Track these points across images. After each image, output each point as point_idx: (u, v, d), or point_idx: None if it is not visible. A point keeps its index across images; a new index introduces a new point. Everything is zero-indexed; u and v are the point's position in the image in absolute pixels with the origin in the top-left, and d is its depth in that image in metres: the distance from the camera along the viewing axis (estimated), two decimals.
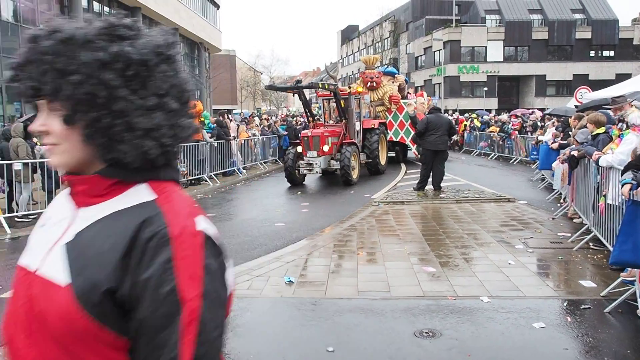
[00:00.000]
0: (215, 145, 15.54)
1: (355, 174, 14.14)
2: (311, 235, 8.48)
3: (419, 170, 12.67)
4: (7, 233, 9.09)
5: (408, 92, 20.10)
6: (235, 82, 63.06)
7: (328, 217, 10.08)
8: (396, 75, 19.59)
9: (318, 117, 17.54)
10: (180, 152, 13.61)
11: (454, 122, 15.31)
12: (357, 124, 15.54)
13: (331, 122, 16.21)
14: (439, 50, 53.76)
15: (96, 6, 25.32)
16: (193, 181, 14.74)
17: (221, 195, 13.86)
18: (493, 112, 41.38)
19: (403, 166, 18.69)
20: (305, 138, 14.20)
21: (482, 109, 42.90)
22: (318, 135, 14.08)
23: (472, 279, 5.93)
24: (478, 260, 6.66)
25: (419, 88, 55.18)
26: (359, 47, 75.43)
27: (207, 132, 15.47)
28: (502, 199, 11.09)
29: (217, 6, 47.29)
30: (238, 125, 18.74)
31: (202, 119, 15.25)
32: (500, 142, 22.43)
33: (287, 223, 9.63)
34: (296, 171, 14.22)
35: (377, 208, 10.55)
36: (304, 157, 14.19)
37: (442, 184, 12.27)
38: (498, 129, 23.41)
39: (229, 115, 19.32)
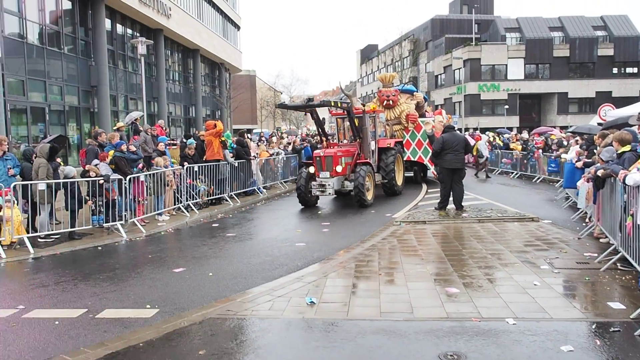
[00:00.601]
0: (236, 165, 15.70)
1: (370, 195, 13.94)
2: (332, 255, 8.48)
3: (439, 190, 12.63)
4: (30, 253, 9.28)
5: (426, 111, 19.97)
6: (255, 101, 63.88)
7: (349, 237, 10.08)
8: (414, 93, 19.49)
9: (331, 136, 17.62)
10: (201, 172, 13.83)
11: (469, 139, 15.20)
12: (372, 143, 15.41)
13: (345, 141, 16.07)
14: (459, 68, 53.86)
15: (119, 28, 26.04)
16: (214, 201, 14.88)
17: (242, 214, 13.96)
18: (514, 130, 41.17)
19: (424, 186, 18.59)
20: (318, 158, 14.07)
21: (503, 127, 42.71)
22: (331, 155, 13.96)
23: (497, 300, 5.85)
24: (502, 281, 6.57)
25: (439, 106, 55.21)
26: (378, 66, 75.90)
27: (229, 152, 15.66)
28: (526, 218, 10.96)
29: (238, 27, 48.19)
30: (258, 145, 18.95)
31: (224, 139, 15.43)
32: (524, 161, 22.21)
33: (307, 243, 9.66)
34: (309, 192, 14.13)
35: (398, 228, 10.52)
36: (317, 178, 14.06)
37: (463, 203, 12.20)
38: (520, 146, 23.22)
39: (249, 135, 19.58)
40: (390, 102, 18.29)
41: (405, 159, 18.17)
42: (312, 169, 14.10)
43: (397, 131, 18.44)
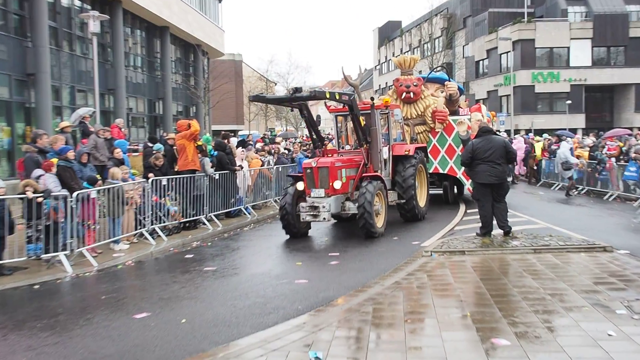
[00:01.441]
0: (217, 177, 15.77)
1: (380, 222, 13.52)
2: (343, 295, 8.48)
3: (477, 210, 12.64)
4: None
5: (460, 106, 19.55)
6: (242, 94, 64.22)
7: (364, 272, 10.07)
8: (446, 83, 18.98)
9: (329, 140, 17.56)
10: (172, 187, 13.91)
11: (509, 143, 14.46)
12: (385, 150, 15.09)
13: (348, 147, 15.69)
14: (507, 52, 54.11)
15: (65, 0, 26.34)
16: (188, 224, 14.92)
17: (224, 242, 13.97)
18: (579, 133, 41.19)
19: (461, 205, 18.63)
20: (309, 171, 13.45)
21: (565, 129, 42.65)
22: (326, 167, 13.30)
23: (560, 355, 5.84)
24: (566, 330, 6.55)
25: (480, 101, 55.28)
26: (401, 50, 76.38)
27: (208, 161, 15.76)
28: (596, 248, 10.96)
29: None
30: (244, 151, 19.01)
31: (201, 143, 15.53)
32: (593, 173, 22.23)
33: (311, 280, 9.65)
34: (297, 217, 13.58)
35: (429, 260, 10.53)
36: (307, 198, 13.48)
37: (514, 228, 12.22)
38: (587, 154, 23.26)
39: (248, 139, 19.57)
40: (411, 94, 17.86)
41: (431, 171, 18.03)
42: (301, 185, 13.63)
43: (420, 134, 18.20)
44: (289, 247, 12.93)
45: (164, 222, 14.08)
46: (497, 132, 22.28)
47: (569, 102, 52.27)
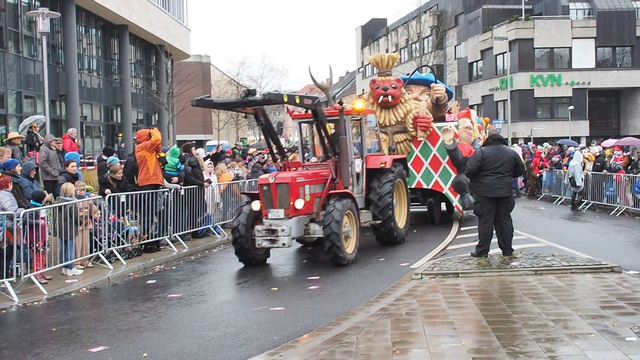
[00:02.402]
0: (182, 193, 15.72)
1: (350, 247, 12.96)
2: (324, 325, 8.46)
3: (477, 227, 12.70)
4: None
5: (450, 111, 18.95)
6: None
7: (347, 298, 10.06)
8: (432, 85, 18.57)
9: (290, 151, 17.38)
10: (131, 204, 13.83)
11: (520, 155, 14.81)
12: (357, 162, 14.59)
13: (314, 159, 15.38)
14: (503, 53, 54.61)
15: None
16: (150, 246, 14.83)
17: (190, 265, 13.92)
18: (583, 142, 41.61)
19: (454, 223, 18.69)
20: (265, 187, 12.85)
21: (568, 137, 43.06)
22: (286, 183, 12.72)
23: None
24: None
25: (474, 106, 55.56)
26: (387, 50, 76.68)
27: (173, 175, 15.70)
28: (603, 269, 11.03)
29: None
30: (212, 163, 18.96)
31: (163, 155, 15.46)
32: (599, 185, 22.40)
33: (288, 307, 9.62)
34: (252, 242, 12.90)
35: (419, 283, 10.56)
36: (264, 219, 12.89)
37: (514, 246, 12.29)
38: (591, 164, 23.45)
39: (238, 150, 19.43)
40: (390, 97, 17.35)
41: (413, 186, 17.71)
42: (256, 205, 13.03)
43: (400, 143, 17.86)
44: (263, 271, 12.89)
45: (123, 244, 13.96)
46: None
47: (571, 107, 52.74)
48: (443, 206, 19.25)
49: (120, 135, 36.52)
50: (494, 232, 12.14)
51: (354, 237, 13.19)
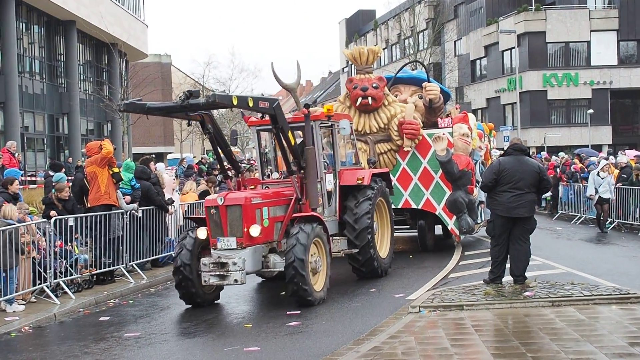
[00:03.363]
0: (140, 214, 15.70)
1: (319, 283, 12.37)
2: None
3: (488, 249, 12.70)
4: None
5: (449, 115, 18.30)
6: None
7: (334, 335, 10.04)
8: (424, 85, 17.84)
9: (248, 165, 16.98)
10: (81, 228, 13.77)
11: (545, 170, 13.70)
12: (329, 178, 14.04)
13: (276, 175, 14.80)
14: (511, 49, 54.65)
15: None
16: (102, 277, 14.76)
17: (150, 299, 13.85)
18: (604, 151, 41.60)
19: (458, 246, 18.55)
20: (213, 211, 12.18)
21: (587, 146, 43.11)
22: (238, 205, 12.04)
23: None
24: None
25: (479, 111, 55.54)
26: (375, 46, 76.93)
27: (126, 194, 15.66)
28: (631, 298, 11.00)
29: None
30: (177, 179, 18.97)
31: (117, 170, 15.40)
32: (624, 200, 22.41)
33: (264, 347, 9.60)
34: (198, 278, 12.18)
35: (417, 317, 10.54)
36: (212, 250, 12.20)
37: (527, 274, 12.31)
38: (616, 173, 23.46)
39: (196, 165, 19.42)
40: (370, 99, 16.63)
41: (400, 205, 17.22)
42: (202, 233, 12.38)
43: (383, 154, 17.30)
44: (233, 303, 12.87)
45: (72, 275, 13.88)
46: (494, 154, 22.22)
47: (590, 111, 52.52)
48: (438, 229, 18.66)
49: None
50: (507, 256, 12.10)
51: (323, 271, 12.53)
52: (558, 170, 28.04)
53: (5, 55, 30.18)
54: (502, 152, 15.95)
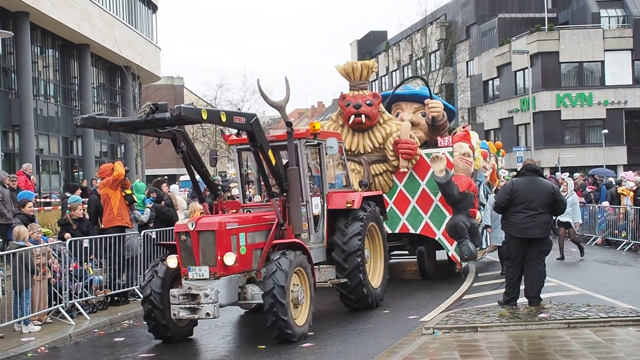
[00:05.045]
0: (154, 236, 15.81)
1: (301, 317, 11.47)
2: None
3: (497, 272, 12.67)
4: None
5: (454, 133, 17.74)
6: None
7: (347, 356, 10.10)
8: (427, 101, 17.07)
9: (227, 187, 16.30)
10: (95, 249, 13.85)
11: (558, 190, 13.25)
12: (316, 201, 13.28)
13: (258, 198, 14.09)
14: (524, 69, 54.57)
15: None
16: (117, 298, 14.85)
17: None
18: (621, 172, 41.28)
19: (471, 267, 18.48)
20: (184, 237, 11.23)
21: (602, 166, 42.86)
22: (211, 230, 11.16)
23: None
24: None
25: (492, 131, 55.22)
26: (387, 68, 77.20)
27: (141, 214, 15.79)
28: None
29: (154, 7, 49.15)
30: (192, 200, 19.03)
31: (130, 192, 15.54)
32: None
33: None
34: (169, 309, 11.21)
35: (431, 339, 10.53)
36: (183, 280, 11.27)
37: (542, 295, 12.27)
38: (631, 194, 23.41)
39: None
40: (363, 117, 15.93)
41: (397, 230, 16.46)
42: (173, 261, 11.40)
43: (378, 176, 16.49)
44: (248, 325, 12.89)
45: (86, 296, 13.99)
46: (502, 174, 21.86)
47: (605, 131, 52.26)
48: (442, 254, 17.58)
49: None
50: (522, 278, 12.05)
51: (306, 304, 11.58)
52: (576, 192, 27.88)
53: (21, 78, 30.47)
54: (514, 172, 15.69)
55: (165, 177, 22.38)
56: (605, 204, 24.32)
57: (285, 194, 12.28)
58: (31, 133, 30.55)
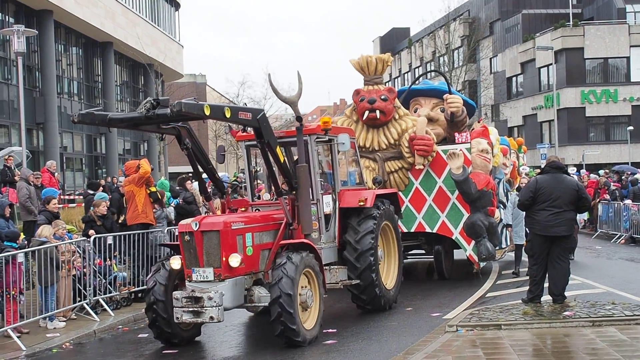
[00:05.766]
0: (177, 233, 15.87)
1: (310, 320, 11.07)
2: None
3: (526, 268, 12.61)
4: None
5: (472, 128, 17.18)
6: (206, 126, 64.59)
7: (370, 354, 10.12)
8: (445, 96, 16.54)
9: (239, 185, 15.99)
10: (119, 246, 13.94)
11: (583, 188, 12.66)
12: (327, 200, 12.81)
13: (267, 196, 13.69)
14: (548, 65, 54.35)
15: None
16: (141, 294, 14.94)
17: None
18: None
19: (494, 265, 18.41)
20: (187, 237, 10.82)
21: (627, 163, 42.51)
22: (215, 230, 10.74)
23: None
24: None
25: (517, 129, 54.93)
26: (410, 64, 77.01)
27: (165, 211, 15.90)
28: None
29: (177, 5, 49.36)
30: (214, 197, 19.08)
31: (154, 189, 15.60)
32: None
33: None
34: (172, 314, 10.76)
35: (454, 337, 10.52)
36: (187, 282, 10.93)
37: (567, 293, 12.21)
38: None
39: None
40: (378, 113, 15.50)
41: (413, 229, 16.02)
42: (176, 262, 10.99)
43: (393, 173, 15.98)
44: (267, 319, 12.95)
45: (111, 292, 14.11)
46: (522, 171, 21.60)
47: (630, 128, 51.67)
48: (459, 253, 16.96)
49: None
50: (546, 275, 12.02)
51: (315, 306, 11.16)
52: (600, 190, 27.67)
53: (45, 76, 30.71)
54: (538, 170, 15.50)
55: (190, 174, 22.44)
56: (628, 201, 24.14)
57: (294, 192, 11.78)
58: (55, 131, 30.80)
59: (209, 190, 13.11)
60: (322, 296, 11.30)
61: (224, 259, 10.50)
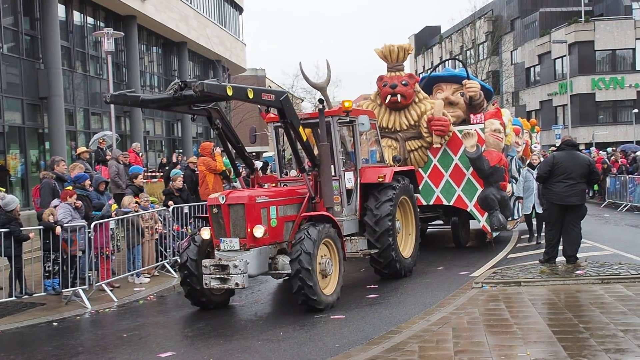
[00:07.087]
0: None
1: (329, 287, 10.49)
2: (385, 333, 8.52)
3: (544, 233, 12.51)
4: None
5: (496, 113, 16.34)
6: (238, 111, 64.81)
7: (407, 306, 10.08)
8: (464, 82, 16.07)
9: (269, 165, 15.24)
10: (191, 214, 13.96)
11: (594, 163, 12.48)
12: (349, 176, 12.29)
13: (293, 173, 12.95)
14: (562, 57, 53.76)
15: (77, 17, 27.05)
16: None
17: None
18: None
19: (515, 230, 18.00)
20: (215, 210, 10.34)
21: (632, 142, 41.95)
22: (241, 204, 10.21)
23: None
24: None
25: (535, 112, 54.48)
26: (440, 57, 76.27)
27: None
28: None
29: (240, 9, 49.37)
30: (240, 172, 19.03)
31: (225, 169, 15.62)
32: None
33: (348, 315, 9.73)
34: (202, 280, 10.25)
35: (480, 292, 10.48)
36: (216, 251, 10.42)
37: (579, 254, 12.09)
38: None
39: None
40: (399, 97, 14.93)
41: (432, 202, 15.49)
42: (206, 233, 10.48)
43: (414, 151, 15.49)
44: None
45: None
46: (535, 149, 21.08)
47: (635, 110, 51.13)
48: (474, 224, 16.31)
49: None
50: (561, 239, 11.95)
51: (335, 274, 10.61)
52: (606, 165, 27.39)
53: (130, 72, 31.03)
54: (554, 147, 15.32)
55: (253, 154, 22.53)
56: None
57: (316, 168, 11.29)
58: (139, 117, 31.09)
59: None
60: (342, 269, 10.79)
61: (249, 230, 10.05)
